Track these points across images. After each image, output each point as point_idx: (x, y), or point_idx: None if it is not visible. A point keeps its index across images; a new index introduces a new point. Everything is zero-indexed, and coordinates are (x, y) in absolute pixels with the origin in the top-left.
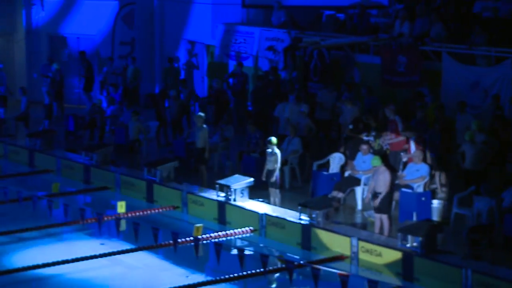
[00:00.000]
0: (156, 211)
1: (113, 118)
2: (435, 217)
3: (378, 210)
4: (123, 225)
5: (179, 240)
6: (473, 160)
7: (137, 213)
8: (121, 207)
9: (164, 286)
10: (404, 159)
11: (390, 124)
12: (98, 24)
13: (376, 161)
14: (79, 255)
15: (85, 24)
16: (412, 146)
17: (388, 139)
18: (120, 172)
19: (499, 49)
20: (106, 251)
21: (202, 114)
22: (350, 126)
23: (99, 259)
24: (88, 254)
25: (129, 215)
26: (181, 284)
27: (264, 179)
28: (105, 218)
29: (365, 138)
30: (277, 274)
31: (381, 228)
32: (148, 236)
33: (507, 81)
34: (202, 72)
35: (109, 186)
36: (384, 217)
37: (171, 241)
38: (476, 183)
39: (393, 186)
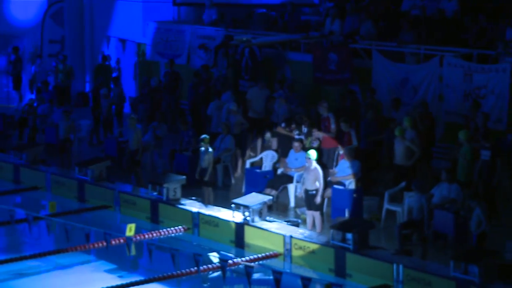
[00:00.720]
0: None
1: (43, 117)
2: (367, 213)
3: (311, 207)
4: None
5: (112, 239)
6: (402, 156)
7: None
8: (52, 207)
9: (97, 286)
10: (341, 152)
11: (323, 121)
12: (26, 22)
13: (312, 153)
14: (9, 256)
15: (13, 21)
16: (354, 138)
17: (319, 136)
18: (50, 171)
19: (428, 47)
20: (37, 252)
21: (134, 116)
22: (282, 125)
23: (31, 260)
24: (18, 255)
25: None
26: (114, 284)
27: (197, 177)
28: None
29: (296, 136)
30: (210, 273)
31: (314, 225)
32: (80, 236)
33: (435, 78)
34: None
35: (40, 186)
36: (316, 214)
37: (103, 241)
38: (406, 179)
39: (325, 183)
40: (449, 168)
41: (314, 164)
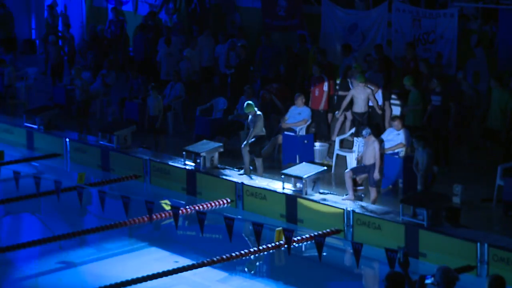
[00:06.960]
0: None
1: None
2: (318, 159)
3: (253, 153)
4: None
5: (62, 188)
6: (364, 104)
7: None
8: (0, 155)
9: (47, 235)
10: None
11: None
12: None
13: (249, 107)
14: None
15: None
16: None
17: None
18: None
19: None
20: None
21: (81, 65)
22: None
23: None
24: None
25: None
26: (64, 232)
27: (146, 125)
28: None
29: None
30: (162, 220)
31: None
32: (30, 185)
33: (384, 24)
34: (82, 17)
35: None
36: (258, 160)
37: (54, 190)
38: (359, 124)
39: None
40: (400, 115)
41: (259, 112)
